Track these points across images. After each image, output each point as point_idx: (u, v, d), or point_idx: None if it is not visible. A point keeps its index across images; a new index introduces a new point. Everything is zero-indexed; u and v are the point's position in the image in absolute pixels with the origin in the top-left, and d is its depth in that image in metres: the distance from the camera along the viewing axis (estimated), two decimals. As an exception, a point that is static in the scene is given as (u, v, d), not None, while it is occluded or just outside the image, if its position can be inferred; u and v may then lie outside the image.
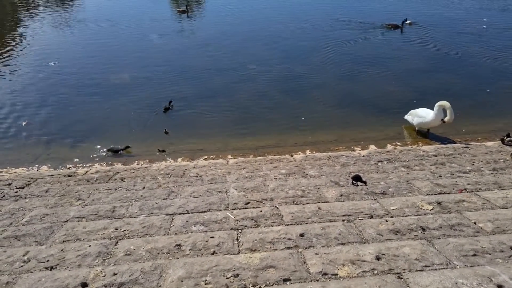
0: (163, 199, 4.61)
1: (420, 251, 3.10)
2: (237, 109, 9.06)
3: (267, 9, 19.15)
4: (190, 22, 17.65)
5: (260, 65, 11.68)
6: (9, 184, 5.51)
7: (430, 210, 3.92)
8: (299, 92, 9.88)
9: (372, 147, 7.15)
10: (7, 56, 12.70)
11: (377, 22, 16.51)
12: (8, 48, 13.61)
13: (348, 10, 19.16)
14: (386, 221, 3.70)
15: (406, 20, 15.52)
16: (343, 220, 3.80)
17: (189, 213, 4.12)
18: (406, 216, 3.82)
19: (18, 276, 3.01)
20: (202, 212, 4.13)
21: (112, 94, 9.83)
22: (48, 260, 3.21)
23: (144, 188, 5.12)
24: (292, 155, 6.70)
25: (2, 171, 6.43)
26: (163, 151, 7.28)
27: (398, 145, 7.29)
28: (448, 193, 4.39)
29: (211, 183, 5.22)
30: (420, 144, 7.28)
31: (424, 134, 7.80)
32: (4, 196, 5.01)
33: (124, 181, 5.51)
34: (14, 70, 11.46)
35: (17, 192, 5.13)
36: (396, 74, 10.88)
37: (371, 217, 3.86)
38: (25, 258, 3.27)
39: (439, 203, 4.03)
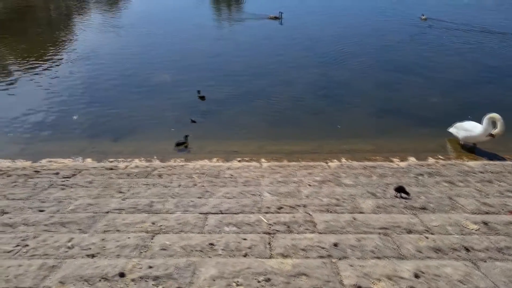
0: (198, 197, 4.69)
1: (464, 273, 2.94)
2: (273, 113, 9.08)
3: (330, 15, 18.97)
4: (231, 27, 17.92)
5: (298, 70, 11.66)
6: (57, 174, 5.83)
7: (476, 230, 3.71)
8: (336, 99, 9.75)
9: (411, 159, 6.90)
10: (60, 56, 13.50)
11: (416, 26, 16.03)
12: (62, 49, 14.46)
13: (395, 13, 18.78)
14: (426, 237, 3.55)
15: None
16: (379, 233, 3.69)
17: (222, 213, 4.17)
18: (449, 234, 3.65)
19: (63, 261, 3.17)
20: (235, 213, 4.17)
21: (154, 93, 10.18)
22: (90, 248, 3.37)
23: (180, 185, 5.23)
24: (327, 163, 6.60)
25: (51, 161, 6.83)
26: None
27: (441, 158, 6.99)
28: (496, 214, 4.14)
29: (244, 185, 5.25)
30: (465, 159, 6.93)
31: (470, 148, 7.43)
32: (52, 184, 5.31)
33: (161, 178, 5.67)
34: (67, 69, 12.13)
35: (64, 181, 5.42)
36: (441, 83, 10.46)
37: (409, 232, 3.72)
38: (69, 244, 3.44)
39: (485, 224, 3.81)
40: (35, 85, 10.73)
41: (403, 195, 4.67)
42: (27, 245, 3.51)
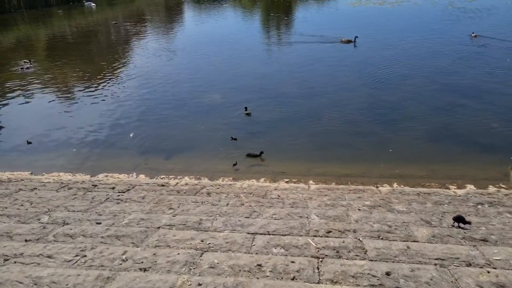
0: (246, 217, 4.73)
1: (533, 314, 2.68)
2: (322, 134, 9.00)
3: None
4: (282, 49, 18.22)
5: (346, 92, 11.53)
6: (113, 188, 6.18)
7: (546, 267, 3.38)
8: (388, 122, 9.47)
9: (470, 187, 6.47)
10: (118, 78, 14.45)
11: (475, 46, 15.27)
12: (120, 71, 15.50)
13: (445, 32, 18.15)
14: (488, 272, 3.29)
15: None
16: (435, 264, 3.48)
17: (270, 234, 4.16)
18: (514, 269, 3.35)
19: (117, 273, 3.32)
20: (282, 235, 4.14)
21: (205, 113, 10.53)
22: (142, 262, 3.50)
23: (228, 204, 5.31)
24: (377, 187, 6.39)
25: (108, 176, 7.25)
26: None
27: (503, 187, 6.48)
28: None
29: (292, 207, 5.21)
30: (531, 189, 6.38)
31: (537, 178, 6.83)
32: (108, 198, 5.63)
33: (210, 196, 5.79)
34: (123, 89, 12.92)
35: (119, 195, 5.73)
36: (503, 108, 9.82)
37: (469, 265, 3.47)
38: (123, 257, 3.60)
39: (557, 260, 3.46)
40: (95, 104, 11.57)
41: (462, 225, 4.38)
42: (85, 256, 3.73)
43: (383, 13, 25.65)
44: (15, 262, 3.68)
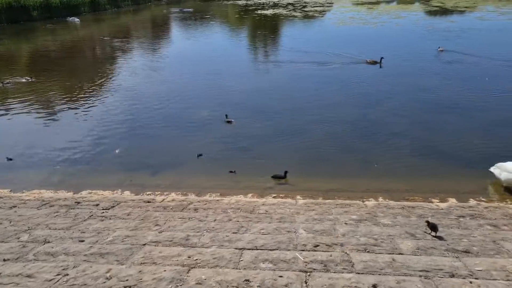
0: (233, 232, 4.71)
1: (516, 323, 2.74)
2: (308, 150, 9.09)
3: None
4: (269, 67, 18.50)
5: (333, 109, 11.74)
6: (97, 205, 6.07)
7: (525, 276, 3.47)
8: (372, 138, 9.66)
9: (452, 201, 6.62)
10: (102, 94, 14.33)
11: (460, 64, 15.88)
12: (104, 87, 15.39)
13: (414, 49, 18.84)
14: (470, 282, 3.37)
15: None
16: (420, 276, 3.54)
17: (258, 249, 4.16)
18: (494, 279, 3.44)
19: (102, 291, 3.25)
20: (270, 250, 4.14)
21: (191, 129, 10.52)
22: (127, 280, 3.44)
23: (215, 220, 5.28)
24: (363, 201, 6.47)
25: (92, 193, 7.12)
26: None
27: (483, 200, 6.66)
28: (548, 260, 3.86)
29: (280, 222, 5.22)
30: (509, 202, 6.57)
31: (514, 190, 7.04)
32: (92, 215, 5.53)
33: (197, 212, 5.75)
34: (108, 105, 12.78)
35: (103, 212, 5.63)
36: (482, 124, 10.18)
37: (452, 276, 3.54)
38: (108, 275, 3.53)
39: (536, 270, 3.57)
40: (78, 120, 11.42)
41: (433, 233, 4.58)
42: (67, 275, 3.64)
43: (370, 33, 26.32)
44: (-7, 283, 3.56)
